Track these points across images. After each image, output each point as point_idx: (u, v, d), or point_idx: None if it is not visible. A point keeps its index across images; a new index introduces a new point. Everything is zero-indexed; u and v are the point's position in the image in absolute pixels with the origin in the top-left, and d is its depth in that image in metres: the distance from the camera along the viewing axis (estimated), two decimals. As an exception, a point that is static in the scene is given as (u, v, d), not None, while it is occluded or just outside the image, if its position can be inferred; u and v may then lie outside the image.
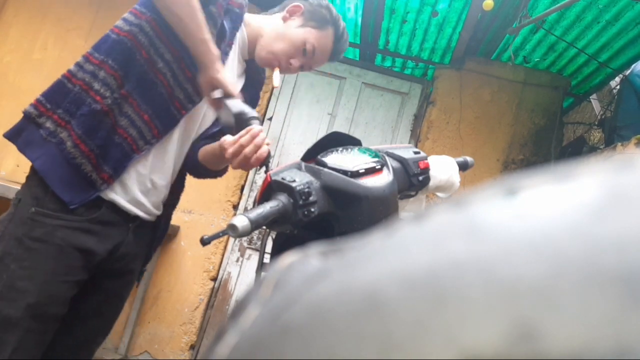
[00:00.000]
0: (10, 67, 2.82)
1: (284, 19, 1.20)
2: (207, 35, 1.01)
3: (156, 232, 1.26)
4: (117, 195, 1.09)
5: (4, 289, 1.00)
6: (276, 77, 1.18)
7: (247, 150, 0.98)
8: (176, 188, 1.26)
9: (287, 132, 3.02)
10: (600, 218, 0.13)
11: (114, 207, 1.10)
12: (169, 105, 1.09)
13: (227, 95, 1.05)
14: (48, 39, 2.85)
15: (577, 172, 0.15)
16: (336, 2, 2.63)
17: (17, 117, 1.07)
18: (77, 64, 1.09)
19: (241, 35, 1.20)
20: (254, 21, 1.22)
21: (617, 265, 0.12)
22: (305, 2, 1.21)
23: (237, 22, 1.16)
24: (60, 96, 1.06)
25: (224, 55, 1.12)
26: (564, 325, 0.11)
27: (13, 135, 1.07)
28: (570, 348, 0.11)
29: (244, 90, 1.21)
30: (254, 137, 0.98)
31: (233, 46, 1.17)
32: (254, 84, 1.30)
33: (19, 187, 1.11)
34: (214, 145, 1.14)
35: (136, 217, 1.15)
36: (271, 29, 1.20)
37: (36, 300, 1.00)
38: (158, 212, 1.22)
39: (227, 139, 1.00)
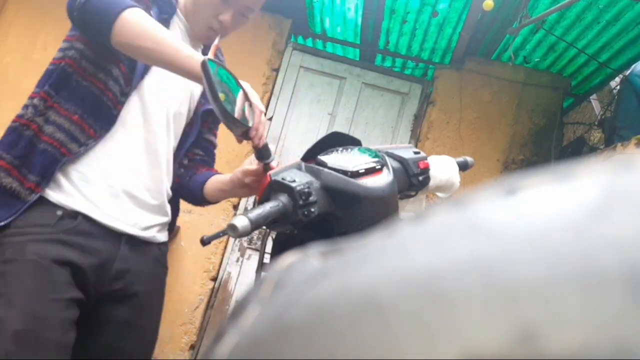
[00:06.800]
0: (10, 67, 2.82)
1: None
2: (187, 50, 0.90)
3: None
4: (73, 202, 0.99)
5: None
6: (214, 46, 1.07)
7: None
8: (172, 211, 1.16)
9: (287, 132, 3.02)
10: (600, 218, 0.13)
11: (90, 217, 0.99)
12: (102, 102, 0.99)
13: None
14: (48, 39, 2.84)
15: (577, 172, 0.15)
16: (336, 2, 2.63)
17: (17, 117, 1.07)
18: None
19: (179, 21, 1.09)
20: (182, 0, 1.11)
21: (617, 265, 0.12)
22: None
23: (167, 10, 1.04)
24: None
25: None
26: (564, 325, 0.11)
27: None
28: (570, 348, 0.11)
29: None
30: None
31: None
32: None
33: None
34: (225, 180, 1.08)
35: (123, 232, 1.03)
36: None
37: (23, 326, 0.88)
38: (151, 228, 1.09)
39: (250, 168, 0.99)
